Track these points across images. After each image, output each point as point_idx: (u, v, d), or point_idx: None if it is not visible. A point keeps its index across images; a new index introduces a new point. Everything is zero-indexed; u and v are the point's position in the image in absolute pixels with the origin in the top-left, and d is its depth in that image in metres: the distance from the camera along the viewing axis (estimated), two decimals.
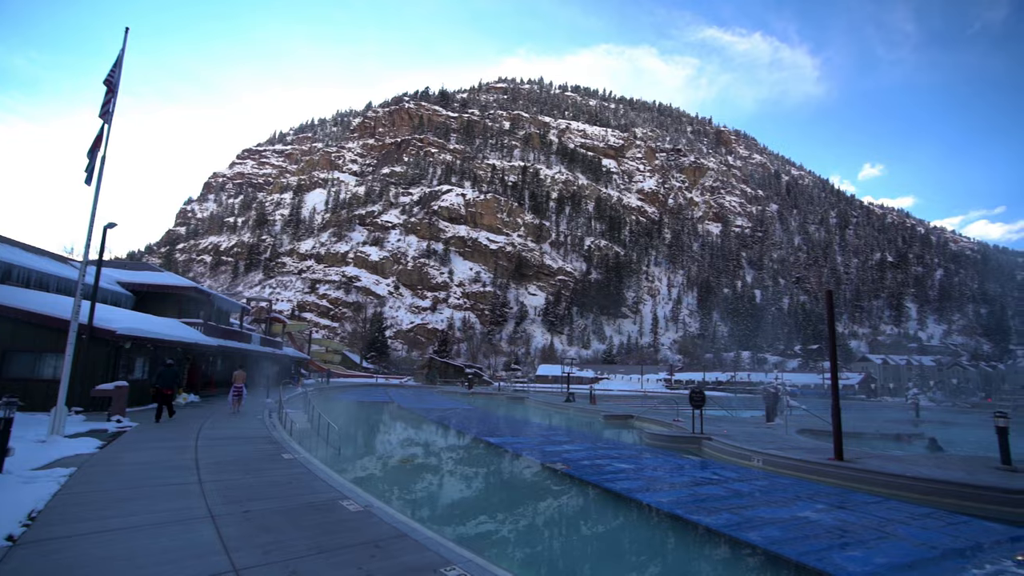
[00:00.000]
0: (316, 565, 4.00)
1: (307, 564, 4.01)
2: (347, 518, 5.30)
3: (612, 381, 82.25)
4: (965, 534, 6.16)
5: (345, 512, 5.50)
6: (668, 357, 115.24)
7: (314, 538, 4.60)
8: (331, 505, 5.76)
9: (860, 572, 4.83)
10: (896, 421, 24.33)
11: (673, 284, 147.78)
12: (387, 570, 3.95)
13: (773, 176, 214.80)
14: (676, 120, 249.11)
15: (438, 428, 19.45)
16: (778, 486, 8.80)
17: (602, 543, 6.48)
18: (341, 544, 4.48)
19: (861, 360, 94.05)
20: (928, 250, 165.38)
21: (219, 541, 4.46)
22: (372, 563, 4.07)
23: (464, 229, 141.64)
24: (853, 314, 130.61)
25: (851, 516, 6.84)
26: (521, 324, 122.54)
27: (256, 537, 4.61)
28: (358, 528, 4.97)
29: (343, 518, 5.29)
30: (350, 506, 5.71)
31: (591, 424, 22.50)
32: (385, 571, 3.93)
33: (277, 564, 3.99)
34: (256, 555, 4.16)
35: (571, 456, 11.69)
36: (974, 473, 8.93)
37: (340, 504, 5.79)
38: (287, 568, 3.92)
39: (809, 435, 15.22)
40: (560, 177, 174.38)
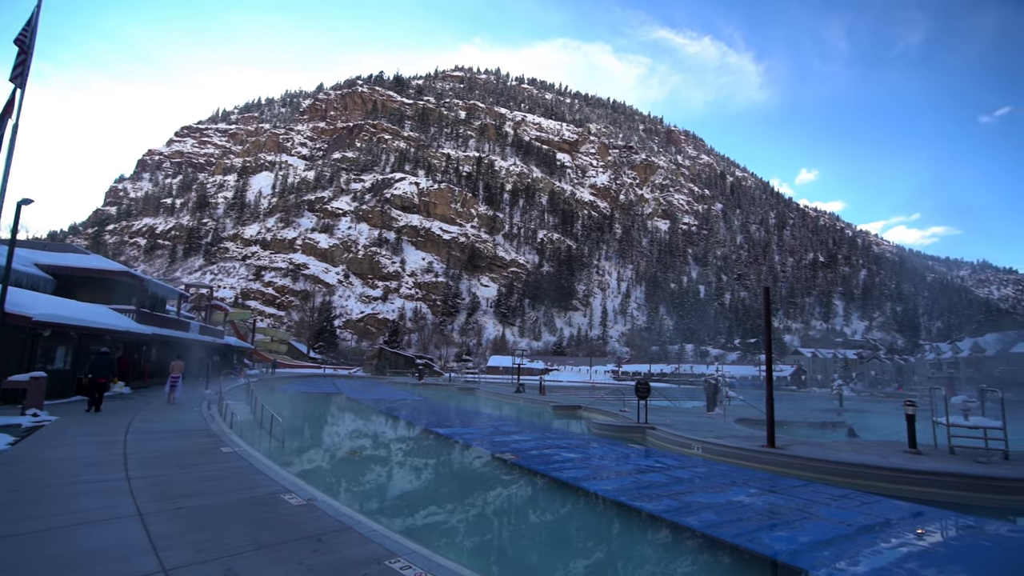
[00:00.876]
0: (254, 561, 3.86)
1: (244, 561, 3.86)
2: (289, 512, 5.14)
3: (562, 372, 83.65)
4: (876, 512, 6.70)
5: (287, 506, 5.34)
6: (616, 349, 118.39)
7: (253, 534, 4.44)
8: (272, 499, 5.57)
9: (785, 550, 5.16)
10: (822, 410, 26.07)
11: (623, 278, 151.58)
12: (329, 564, 3.86)
13: (719, 177, 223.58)
14: (629, 118, 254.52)
15: (387, 419, 19.18)
16: (716, 472, 9.26)
17: (550, 531, 6.61)
18: (282, 539, 4.35)
19: (794, 353, 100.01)
20: (854, 252, 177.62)
21: (147, 540, 4.22)
22: (313, 558, 3.97)
23: (417, 218, 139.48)
24: (788, 310, 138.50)
25: (780, 499, 7.29)
26: (473, 315, 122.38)
27: (189, 535, 4.39)
28: (300, 522, 4.83)
29: (285, 512, 5.13)
30: (292, 500, 5.54)
31: (540, 415, 22.80)
32: (327, 565, 3.84)
33: (211, 562, 3.82)
34: (188, 554, 3.96)
35: (520, 446, 11.82)
36: (886, 457, 9.73)
37: (282, 498, 5.61)
38: (222, 566, 3.76)
39: (745, 424, 16.07)
40: (515, 169, 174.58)
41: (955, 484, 8.31)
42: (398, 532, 4.94)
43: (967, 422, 10.62)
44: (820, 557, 5.01)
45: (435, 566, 3.95)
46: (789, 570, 4.98)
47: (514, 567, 5.35)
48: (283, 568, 3.75)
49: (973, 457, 9.86)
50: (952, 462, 9.39)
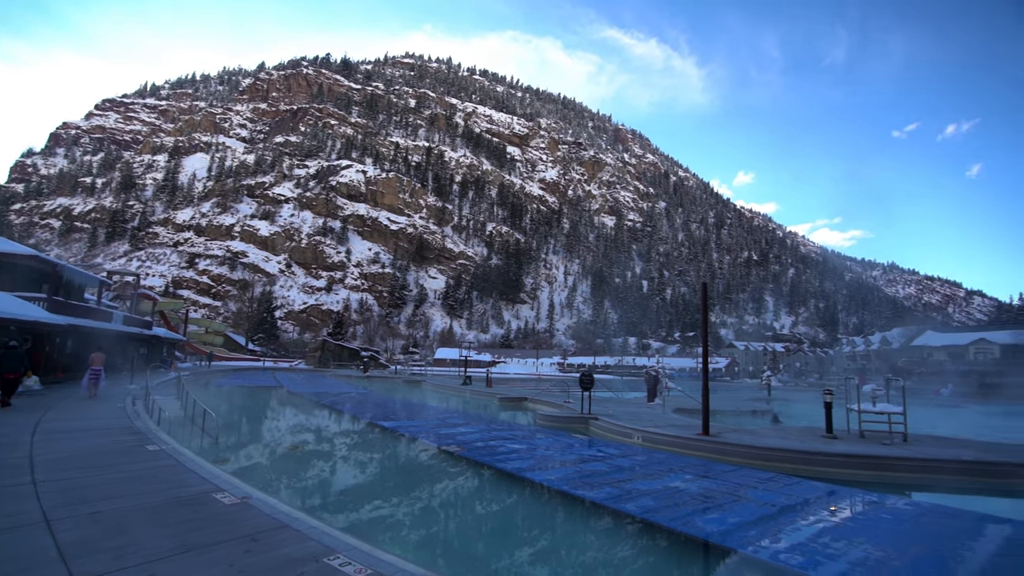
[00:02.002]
0: (180, 566, 3.65)
1: (169, 566, 3.65)
2: (221, 512, 4.90)
3: (509, 364, 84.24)
4: (797, 493, 7.21)
5: (219, 506, 5.09)
6: (562, 342, 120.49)
7: (180, 536, 4.20)
8: (203, 499, 5.29)
9: (715, 531, 5.45)
10: (752, 399, 27.69)
11: (569, 272, 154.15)
12: (263, 564, 3.72)
13: (663, 176, 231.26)
14: (579, 114, 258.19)
15: (330, 413, 18.64)
16: (654, 460, 9.64)
17: (496, 522, 6.66)
18: (212, 540, 4.13)
19: (728, 346, 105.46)
20: (784, 251, 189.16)
21: (55, 549, 3.89)
22: (246, 559, 3.80)
23: (364, 207, 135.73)
24: (724, 305, 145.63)
25: (713, 484, 7.69)
26: (420, 307, 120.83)
27: (106, 541, 4.09)
28: (233, 522, 4.62)
29: (216, 512, 4.89)
30: (225, 499, 5.28)
31: (487, 407, 22.89)
32: (260, 565, 3.69)
33: (131, 569, 3.58)
34: (105, 561, 3.69)
35: (466, 438, 11.82)
36: (806, 442, 10.49)
37: (213, 497, 5.33)
38: (145, 572, 3.53)
39: (683, 413, 16.81)
40: (465, 161, 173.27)
41: (863, 465, 9.08)
42: (339, 528, 4.83)
43: (874, 408, 11.62)
44: (747, 536, 5.33)
45: (376, 561, 3.88)
46: (720, 550, 5.27)
47: (459, 559, 5.36)
48: (213, 571, 3.57)
49: (879, 440, 10.80)
50: (861, 445, 10.25)
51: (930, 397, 33.79)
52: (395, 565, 3.85)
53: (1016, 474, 8.66)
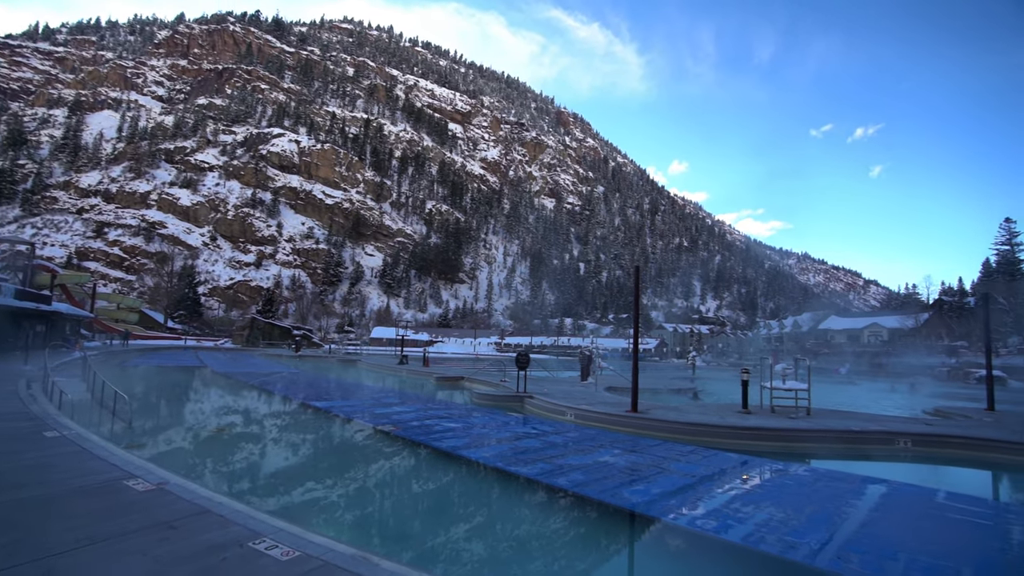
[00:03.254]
0: (83, 559, 3.40)
1: (71, 560, 3.39)
2: (134, 500, 4.60)
3: (447, 344, 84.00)
4: (714, 463, 7.77)
5: (132, 493, 4.77)
6: (500, 322, 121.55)
7: (85, 528, 3.90)
8: (112, 487, 4.94)
9: (640, 502, 5.79)
10: (679, 378, 29.35)
11: (509, 253, 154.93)
12: (181, 551, 3.54)
13: (602, 161, 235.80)
14: (522, 94, 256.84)
15: (259, 394, 17.85)
16: (586, 436, 10.02)
17: (431, 500, 6.70)
18: (122, 530, 3.88)
19: (658, 328, 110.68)
20: (712, 239, 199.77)
21: None
22: (162, 547, 3.60)
23: (297, 179, 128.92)
24: (656, 289, 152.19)
25: (639, 458, 8.12)
26: (356, 285, 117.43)
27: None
28: (148, 509, 4.35)
29: (129, 500, 4.58)
30: (138, 486, 4.96)
31: (423, 386, 22.80)
32: (178, 553, 3.52)
33: (26, 565, 3.29)
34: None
35: (401, 417, 11.74)
36: (724, 416, 11.30)
37: (125, 485, 4.99)
38: (40, 568, 3.26)
39: (614, 392, 17.53)
40: (405, 136, 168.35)
41: (772, 437, 9.93)
42: (267, 512, 4.68)
43: (784, 386, 12.69)
44: (668, 505, 5.69)
45: (305, 543, 3.81)
46: (644, 519, 5.61)
47: (395, 538, 5.36)
48: (123, 563, 3.36)
49: (787, 414, 11.81)
50: (771, 419, 11.17)
51: (831, 375, 37.33)
52: (324, 546, 3.80)
53: (891, 441, 9.89)
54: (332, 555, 3.63)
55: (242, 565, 3.42)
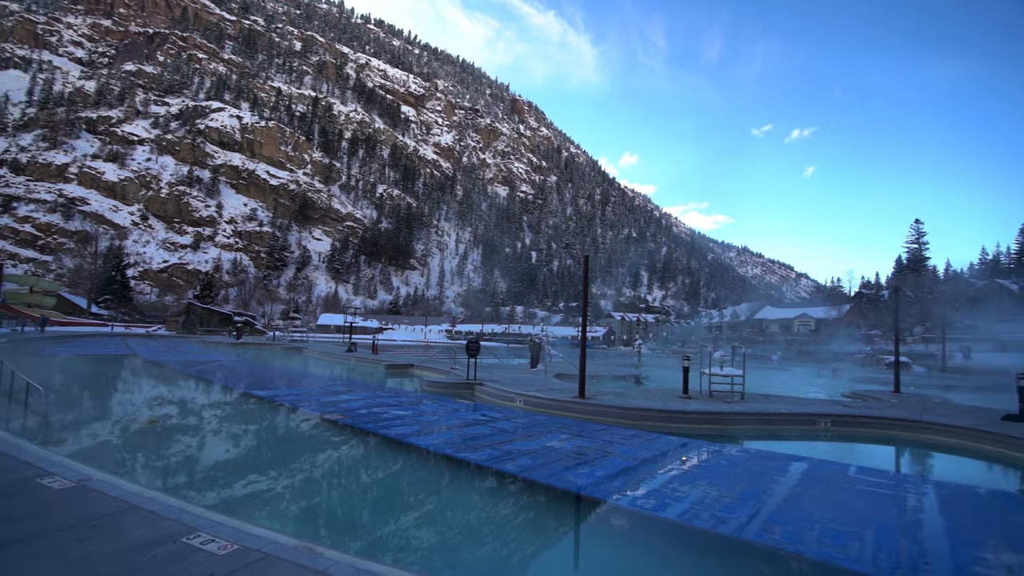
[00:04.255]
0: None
1: None
2: (50, 498, 4.33)
3: (397, 331, 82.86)
4: (656, 447, 8.15)
5: (47, 492, 4.48)
6: (452, 309, 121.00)
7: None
8: (23, 486, 4.61)
9: (584, 484, 6.01)
10: (625, 365, 30.33)
11: (461, 240, 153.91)
12: (104, 551, 3.36)
13: (556, 150, 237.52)
14: (477, 80, 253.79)
15: (197, 383, 17.02)
16: (534, 422, 10.23)
17: (380, 488, 6.67)
18: (35, 532, 3.62)
19: (607, 316, 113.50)
20: (660, 231, 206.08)
21: None
22: (82, 547, 3.40)
23: (239, 158, 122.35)
24: (605, 278, 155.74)
25: (585, 442, 8.39)
26: (303, 270, 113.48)
27: None
28: (66, 509, 4.10)
29: (43, 499, 4.30)
30: (55, 484, 4.66)
31: (372, 374, 22.47)
32: (100, 553, 3.33)
33: None
34: None
35: (349, 406, 11.56)
36: (665, 402, 11.84)
37: (40, 483, 4.67)
38: None
39: (562, 378, 17.93)
40: (356, 116, 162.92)
41: (709, 420, 10.51)
42: (204, 506, 4.53)
43: (722, 372, 13.41)
44: (612, 487, 5.94)
45: (244, 535, 3.73)
46: (589, 500, 5.83)
47: (343, 527, 5.32)
48: (34, 568, 3.15)
49: (724, 399, 12.51)
50: (710, 403, 11.80)
51: (764, 362, 39.67)
52: (266, 538, 3.73)
53: (813, 422, 10.75)
54: (273, 547, 3.58)
55: (174, 562, 3.30)
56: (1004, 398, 12.05)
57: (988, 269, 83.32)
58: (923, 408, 12.41)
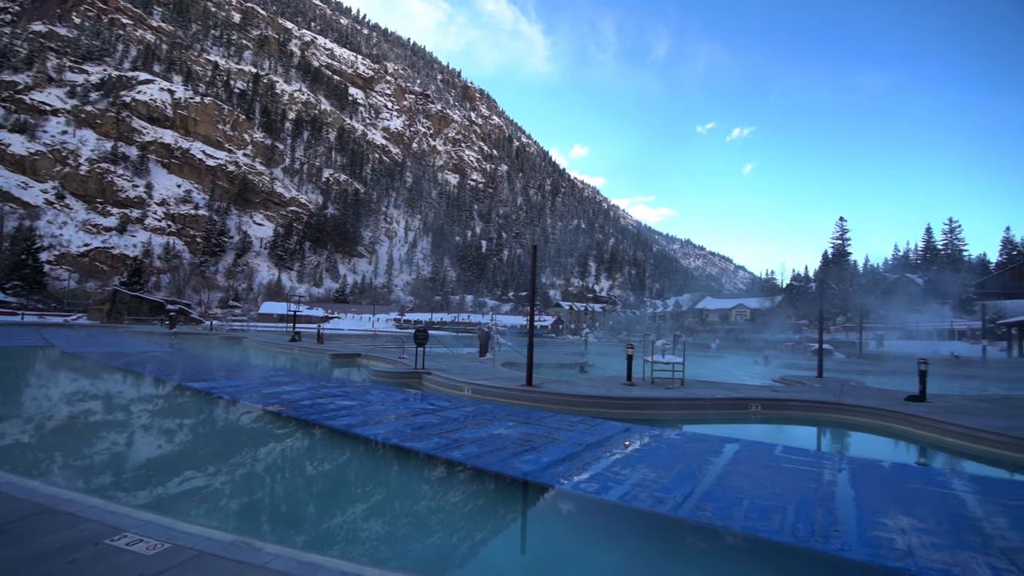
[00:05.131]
0: None
1: None
2: None
3: (343, 320, 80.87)
4: (600, 432, 8.43)
5: None
6: (401, 298, 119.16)
7: None
8: None
9: (531, 470, 6.14)
10: (572, 353, 30.98)
11: (410, 227, 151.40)
12: (14, 558, 3.12)
13: (507, 139, 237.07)
14: (428, 65, 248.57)
15: (125, 376, 15.95)
16: (482, 411, 10.31)
17: (325, 480, 6.54)
18: None
19: (555, 306, 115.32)
20: (607, 222, 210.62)
21: None
22: None
23: (171, 135, 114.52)
24: (554, 268, 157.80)
25: (532, 429, 8.55)
26: (243, 256, 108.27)
27: None
28: None
29: None
30: None
31: (317, 364, 21.89)
32: (9, 561, 3.10)
33: None
34: None
35: (292, 397, 11.21)
36: (610, 388, 12.24)
37: None
38: None
39: (510, 367, 18.12)
40: (300, 97, 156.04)
41: (651, 406, 10.96)
42: (132, 506, 4.30)
43: (663, 359, 13.99)
44: (556, 472, 6.11)
45: (176, 534, 3.57)
46: (536, 486, 5.97)
47: (286, 521, 5.19)
48: None
49: (665, 385, 13.06)
50: (652, 390, 12.30)
51: (703, 350, 41.59)
52: (199, 535, 3.59)
53: (745, 406, 11.43)
54: (208, 544, 3.45)
55: (97, 564, 3.11)
56: (909, 381, 13.24)
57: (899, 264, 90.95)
58: (841, 391, 13.45)
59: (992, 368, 28.85)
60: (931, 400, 11.71)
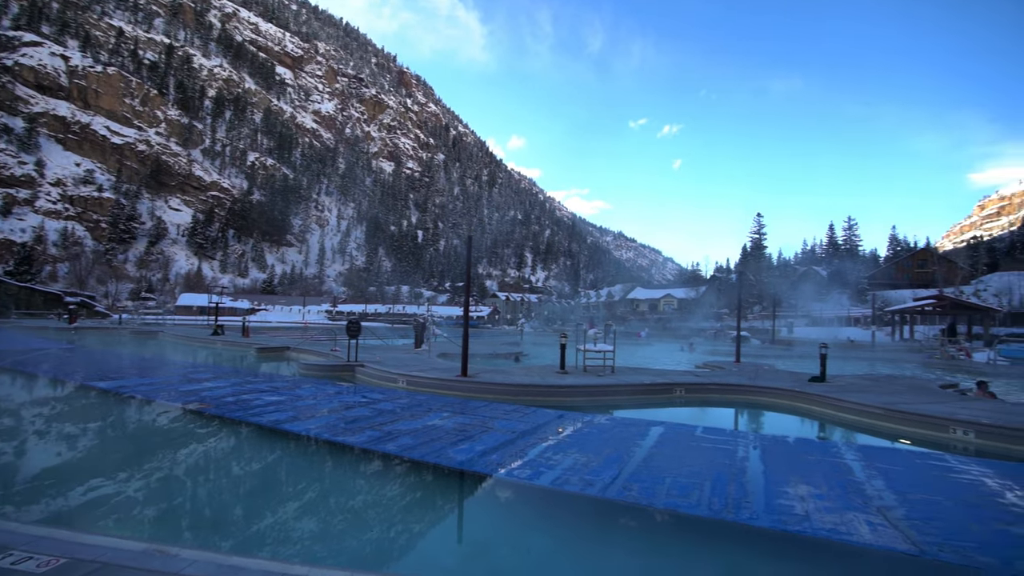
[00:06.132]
0: None
1: None
2: None
3: (272, 312, 77.09)
4: (533, 420, 8.63)
5: None
6: (333, 289, 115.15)
7: None
8: None
9: (465, 459, 6.20)
10: (507, 343, 31.30)
11: (343, 216, 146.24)
12: None
13: (444, 128, 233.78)
14: (362, 47, 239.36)
15: (15, 377, 14.35)
16: (417, 402, 10.24)
17: (253, 480, 6.25)
18: None
19: (492, 296, 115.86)
20: (544, 214, 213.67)
21: None
22: None
23: (67, 107, 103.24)
24: (491, 259, 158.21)
25: (467, 419, 8.60)
26: (158, 244, 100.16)
27: None
28: None
29: None
30: None
31: (243, 358, 20.81)
32: None
33: None
34: None
35: (214, 393, 10.59)
36: (544, 377, 12.53)
37: None
38: None
39: (446, 358, 18.08)
40: (222, 73, 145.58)
41: (583, 392, 11.34)
42: (19, 521, 3.92)
43: (595, 348, 14.48)
44: (490, 460, 6.20)
45: (76, 547, 3.30)
46: (471, 475, 6.04)
47: (210, 526, 4.93)
48: None
49: (596, 373, 13.55)
50: (584, 377, 12.72)
51: (634, 338, 43.40)
52: (105, 546, 3.34)
53: (670, 391, 12.16)
54: (114, 554, 3.21)
55: None
56: (814, 364, 14.54)
57: (807, 257, 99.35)
58: (756, 374, 14.55)
59: (879, 351, 32.26)
60: (830, 380, 12.94)
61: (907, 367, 22.61)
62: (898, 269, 73.30)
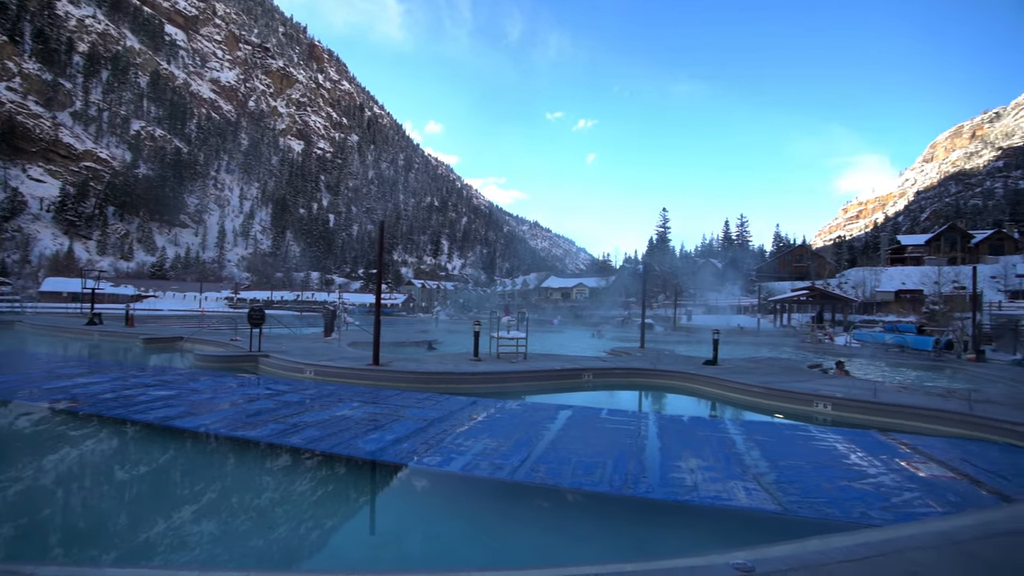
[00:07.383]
0: None
1: None
2: None
3: (163, 300, 70.24)
4: (445, 407, 8.69)
5: None
6: (235, 274, 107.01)
7: None
8: None
9: (375, 449, 6.14)
10: (423, 331, 30.97)
11: (247, 196, 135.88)
12: None
13: (358, 108, 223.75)
14: (268, 13, 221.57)
15: None
16: (325, 392, 9.90)
17: (138, 484, 5.73)
18: None
19: (407, 284, 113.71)
20: (460, 201, 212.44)
21: None
22: None
23: None
24: (406, 245, 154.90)
25: (378, 408, 8.48)
26: (14, 220, 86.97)
27: None
28: None
29: None
30: None
31: (126, 350, 18.82)
32: None
33: None
34: None
35: (90, 390, 9.51)
36: (458, 364, 12.63)
37: None
38: None
39: (358, 346, 17.56)
40: (96, 26, 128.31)
41: (496, 379, 11.59)
42: None
43: (508, 335, 14.80)
44: (401, 449, 6.19)
45: None
46: (382, 465, 5.99)
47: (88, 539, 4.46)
48: None
49: (510, 359, 13.86)
50: (497, 364, 12.97)
51: (547, 326, 44.75)
52: None
53: (579, 376, 12.76)
54: None
55: None
56: (708, 348, 15.91)
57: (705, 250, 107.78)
58: (658, 359, 15.65)
59: (763, 336, 35.97)
60: (721, 363, 14.26)
61: (785, 350, 25.45)
62: (781, 263, 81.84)
